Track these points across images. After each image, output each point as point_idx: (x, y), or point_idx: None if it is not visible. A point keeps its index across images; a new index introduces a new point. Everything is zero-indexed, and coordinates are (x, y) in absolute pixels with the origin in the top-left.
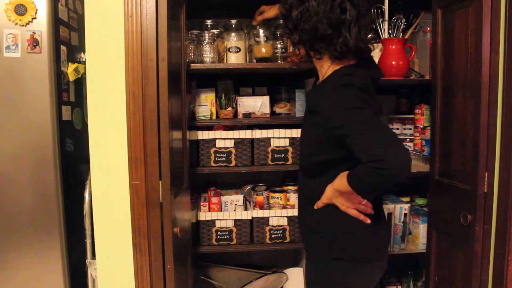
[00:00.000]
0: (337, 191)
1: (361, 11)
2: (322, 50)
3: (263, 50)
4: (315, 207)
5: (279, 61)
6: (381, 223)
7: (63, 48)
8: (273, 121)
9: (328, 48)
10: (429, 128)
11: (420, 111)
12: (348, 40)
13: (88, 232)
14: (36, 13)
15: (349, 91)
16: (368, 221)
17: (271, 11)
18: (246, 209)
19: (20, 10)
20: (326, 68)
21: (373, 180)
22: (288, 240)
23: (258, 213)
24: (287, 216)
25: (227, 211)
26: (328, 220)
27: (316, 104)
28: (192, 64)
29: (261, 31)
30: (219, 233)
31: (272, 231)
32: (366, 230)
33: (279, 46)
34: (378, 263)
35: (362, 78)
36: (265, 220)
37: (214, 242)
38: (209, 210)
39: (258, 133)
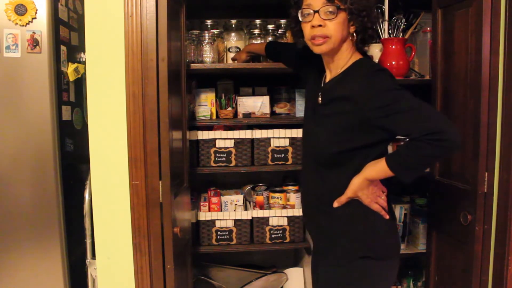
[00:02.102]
0: (366, 181)
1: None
2: (371, 38)
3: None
4: (337, 204)
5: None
6: (395, 220)
7: (63, 48)
8: (273, 121)
9: (367, 39)
10: None
11: None
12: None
13: (88, 232)
14: (36, 13)
15: (387, 75)
16: (387, 216)
17: (242, 56)
18: (246, 209)
19: (20, 10)
20: (347, 59)
21: (430, 152)
22: (288, 240)
23: (258, 213)
24: (287, 216)
25: (227, 211)
26: (351, 218)
27: (345, 90)
28: (192, 64)
29: (270, 39)
30: (219, 233)
31: (272, 231)
32: (387, 227)
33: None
34: (398, 259)
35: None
36: (265, 220)
37: (214, 242)
38: (209, 210)
39: (258, 133)
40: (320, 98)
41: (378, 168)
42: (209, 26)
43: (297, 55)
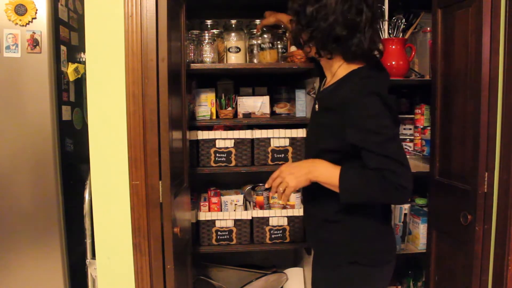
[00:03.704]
0: (309, 175)
1: (375, 13)
2: (335, 50)
3: (268, 56)
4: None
5: (279, 61)
6: (389, 224)
7: (63, 48)
8: (273, 121)
9: (342, 49)
10: (429, 128)
11: (420, 111)
12: (363, 42)
13: (88, 232)
14: (36, 13)
15: (379, 104)
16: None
17: (270, 18)
18: (246, 209)
19: (20, 10)
20: (336, 67)
21: (379, 186)
22: (288, 240)
23: (258, 213)
24: (287, 216)
25: (227, 211)
26: (340, 223)
27: (334, 102)
28: (192, 64)
29: (266, 36)
30: (219, 233)
31: (272, 231)
32: (378, 232)
33: (279, 46)
34: (390, 265)
35: (383, 83)
36: (265, 220)
37: (214, 242)
38: (209, 210)
39: (258, 133)
40: (317, 105)
41: (330, 172)
42: (209, 26)
43: None
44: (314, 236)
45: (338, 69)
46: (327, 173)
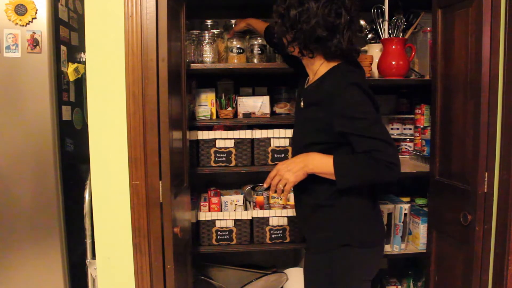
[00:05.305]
0: (305, 168)
1: (353, 17)
2: (316, 50)
3: (235, 61)
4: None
5: (279, 61)
6: (377, 209)
7: (63, 48)
8: (273, 121)
9: (323, 49)
10: (429, 128)
11: (420, 111)
12: (341, 43)
13: (88, 232)
14: (36, 13)
15: (356, 84)
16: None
17: (240, 24)
18: (246, 209)
19: (20, 10)
20: (318, 65)
21: (370, 166)
22: (288, 240)
23: (258, 213)
24: (287, 216)
25: (227, 211)
26: (332, 208)
27: (318, 97)
28: (192, 64)
29: (234, 41)
30: (219, 233)
31: (272, 231)
32: (368, 215)
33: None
34: (381, 246)
35: (360, 75)
36: (265, 220)
37: (214, 242)
38: (209, 210)
39: (258, 133)
40: (302, 102)
41: (324, 162)
42: (209, 26)
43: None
44: (307, 223)
45: (319, 67)
46: (322, 164)
